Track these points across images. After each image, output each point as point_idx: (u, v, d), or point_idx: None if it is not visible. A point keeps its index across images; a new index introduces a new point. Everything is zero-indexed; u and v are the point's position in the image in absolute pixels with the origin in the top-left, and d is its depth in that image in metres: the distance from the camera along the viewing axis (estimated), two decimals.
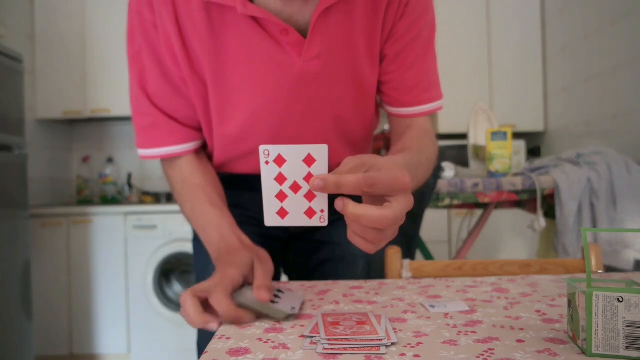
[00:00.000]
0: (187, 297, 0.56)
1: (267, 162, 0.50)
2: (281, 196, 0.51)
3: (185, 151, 0.81)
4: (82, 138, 3.27)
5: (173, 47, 0.72)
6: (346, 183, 0.46)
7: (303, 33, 0.71)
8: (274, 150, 0.49)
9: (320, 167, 0.49)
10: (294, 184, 0.50)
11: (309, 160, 0.49)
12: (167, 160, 0.83)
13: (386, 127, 2.76)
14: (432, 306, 0.59)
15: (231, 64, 0.72)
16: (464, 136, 2.42)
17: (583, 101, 2.50)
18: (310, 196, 0.50)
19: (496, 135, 1.68)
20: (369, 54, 0.76)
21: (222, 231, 0.72)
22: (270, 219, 0.51)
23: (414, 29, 0.76)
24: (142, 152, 0.81)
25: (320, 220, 0.51)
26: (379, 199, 0.48)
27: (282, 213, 0.51)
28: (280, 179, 0.50)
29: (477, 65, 2.96)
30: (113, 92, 2.84)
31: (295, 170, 0.50)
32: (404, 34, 0.76)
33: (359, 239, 0.49)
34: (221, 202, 0.78)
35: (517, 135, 2.94)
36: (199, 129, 0.82)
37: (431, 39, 0.80)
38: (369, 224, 0.46)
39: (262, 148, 0.49)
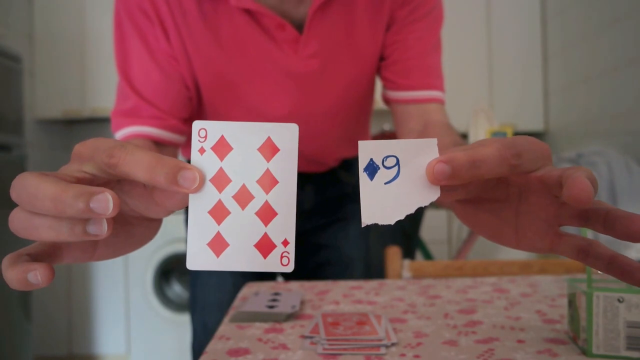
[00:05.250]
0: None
1: (201, 150, 0.30)
2: (219, 212, 0.30)
3: (154, 135, 0.68)
4: (82, 138, 3.26)
5: (168, 33, 0.67)
6: (486, 157, 0.29)
7: (300, 29, 0.68)
8: (214, 129, 0.30)
9: (287, 160, 0.30)
10: (241, 190, 0.30)
11: (269, 149, 0.30)
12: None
13: (385, 127, 2.76)
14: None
15: (224, 61, 0.69)
16: (464, 136, 2.42)
17: (583, 101, 2.50)
18: (267, 213, 0.30)
19: (496, 135, 1.67)
20: (373, 44, 0.72)
21: None
22: (196, 256, 0.30)
23: (415, 14, 0.73)
24: (118, 135, 0.72)
25: (282, 260, 0.30)
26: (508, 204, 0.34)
27: (218, 244, 0.30)
28: (221, 180, 0.30)
29: (477, 65, 2.96)
30: (113, 92, 2.81)
31: (246, 166, 0.30)
32: (404, 19, 0.73)
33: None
34: None
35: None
36: (183, 122, 0.72)
37: (435, 28, 0.75)
38: None
39: (196, 126, 0.30)
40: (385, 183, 0.30)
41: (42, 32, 2.88)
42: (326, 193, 0.92)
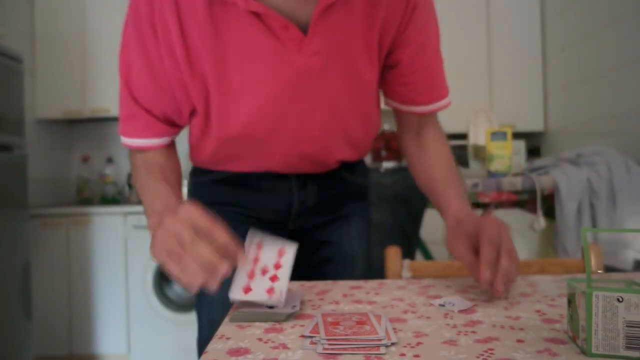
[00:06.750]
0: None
1: (250, 243, 0.63)
2: (251, 274, 0.60)
3: (156, 145, 0.83)
4: (82, 138, 3.26)
5: (173, 45, 0.72)
6: (516, 269, 0.63)
7: (304, 30, 0.72)
8: (258, 236, 0.64)
9: (288, 259, 0.61)
10: (264, 267, 0.60)
11: (281, 252, 0.62)
12: (136, 150, 0.85)
13: (385, 126, 2.76)
14: (442, 305, 0.59)
15: (233, 60, 0.73)
16: (464, 136, 2.42)
17: (583, 101, 2.50)
18: (274, 279, 0.59)
19: (496, 135, 1.68)
20: (367, 53, 0.78)
21: (168, 202, 0.74)
22: (236, 292, 0.58)
23: (423, 32, 0.80)
24: (123, 139, 0.84)
25: (278, 300, 0.57)
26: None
27: (247, 289, 0.59)
28: (255, 261, 0.61)
29: (477, 65, 2.96)
30: (113, 92, 2.82)
31: (269, 257, 0.62)
32: (415, 38, 0.79)
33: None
34: (176, 184, 0.82)
35: (517, 135, 2.93)
36: (173, 126, 0.84)
37: (438, 41, 0.85)
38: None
39: (251, 231, 0.62)
40: None
41: (42, 32, 2.88)
42: (328, 191, 0.93)
